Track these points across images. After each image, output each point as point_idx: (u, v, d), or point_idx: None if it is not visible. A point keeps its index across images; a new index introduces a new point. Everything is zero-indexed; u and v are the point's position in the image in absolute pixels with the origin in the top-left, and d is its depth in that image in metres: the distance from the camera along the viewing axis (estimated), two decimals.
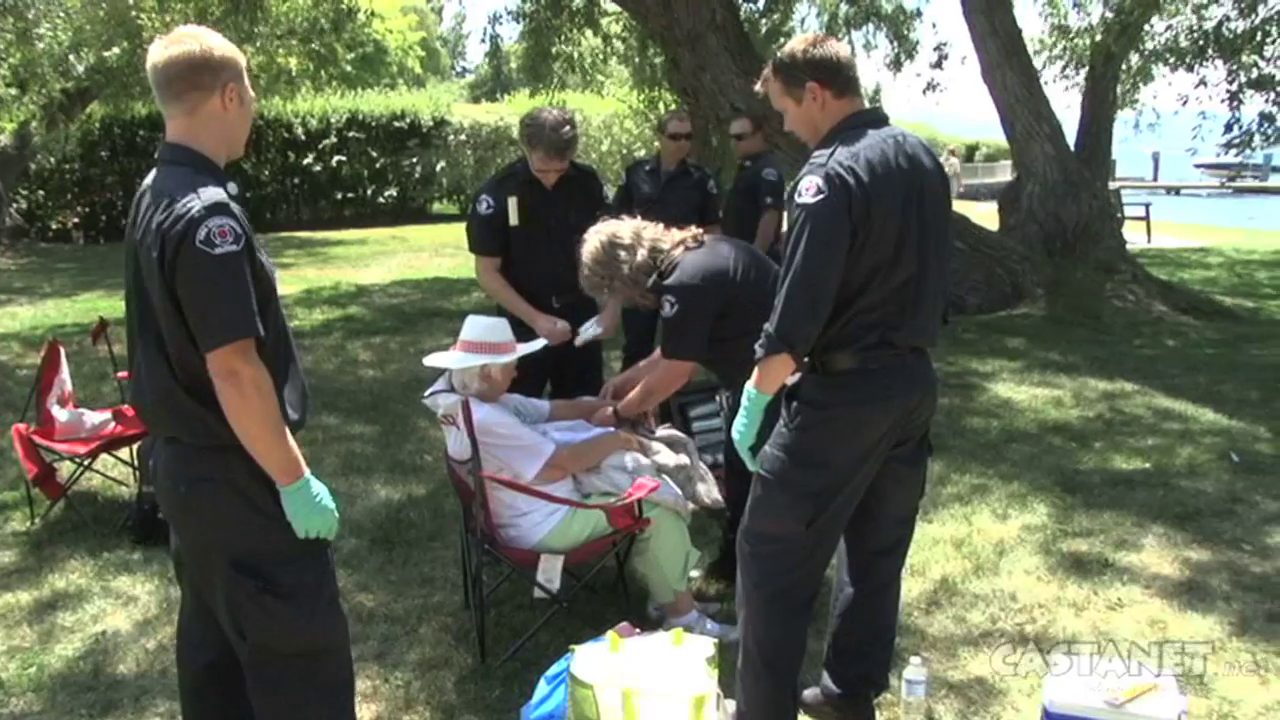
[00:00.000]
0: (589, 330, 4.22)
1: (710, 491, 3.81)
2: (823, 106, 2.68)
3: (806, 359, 2.67)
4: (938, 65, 14.52)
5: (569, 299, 4.28)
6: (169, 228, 2.10)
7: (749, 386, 2.68)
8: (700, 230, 3.74)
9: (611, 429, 3.74)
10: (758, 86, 2.84)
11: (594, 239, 3.66)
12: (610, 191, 4.84)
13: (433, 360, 3.64)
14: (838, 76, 2.66)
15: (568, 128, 4.19)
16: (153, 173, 2.26)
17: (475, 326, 3.61)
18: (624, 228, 3.66)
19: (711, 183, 5.94)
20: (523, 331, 4.02)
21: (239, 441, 2.20)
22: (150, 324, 2.22)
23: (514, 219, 4.33)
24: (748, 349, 2.66)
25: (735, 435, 2.76)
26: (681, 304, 3.42)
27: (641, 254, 3.57)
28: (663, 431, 3.94)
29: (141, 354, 2.27)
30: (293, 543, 2.30)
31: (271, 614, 2.31)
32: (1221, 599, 3.85)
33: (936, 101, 15.13)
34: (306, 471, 2.28)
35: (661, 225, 3.71)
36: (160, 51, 2.22)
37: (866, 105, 2.74)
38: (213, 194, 2.13)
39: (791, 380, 2.72)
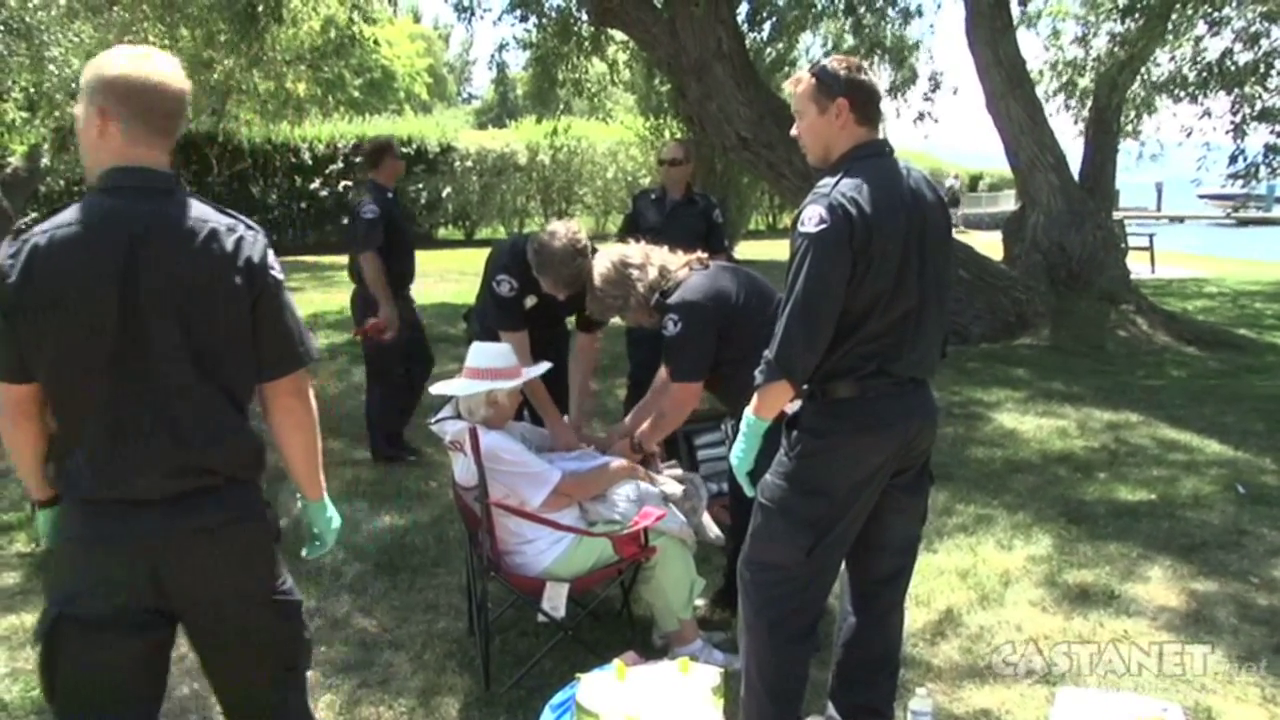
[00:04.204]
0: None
1: (711, 526, 3.81)
2: (843, 126, 2.69)
3: (806, 387, 2.68)
4: (928, 97, 14.61)
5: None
6: (250, 254, 2.11)
7: (748, 413, 2.70)
8: (705, 254, 3.77)
9: (618, 458, 3.74)
10: (787, 85, 2.86)
11: (603, 261, 3.70)
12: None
13: (439, 388, 3.66)
14: (867, 104, 2.69)
15: (579, 259, 3.89)
16: (137, 202, 2.07)
17: (481, 353, 3.62)
18: (631, 250, 3.71)
19: (717, 211, 5.95)
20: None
21: (261, 473, 2.24)
22: (209, 365, 2.10)
23: (526, 305, 4.28)
24: (746, 375, 2.68)
25: (733, 461, 2.78)
26: (684, 322, 3.44)
27: (652, 273, 3.61)
28: (668, 470, 3.94)
29: (188, 403, 2.09)
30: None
31: (304, 626, 2.36)
32: (1229, 631, 3.83)
33: (925, 135, 15.32)
34: None
35: (666, 248, 3.74)
36: (174, 77, 2.12)
37: (878, 137, 2.77)
38: (254, 226, 2.18)
39: (792, 408, 2.74)
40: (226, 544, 2.17)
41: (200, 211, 2.11)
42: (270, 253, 2.15)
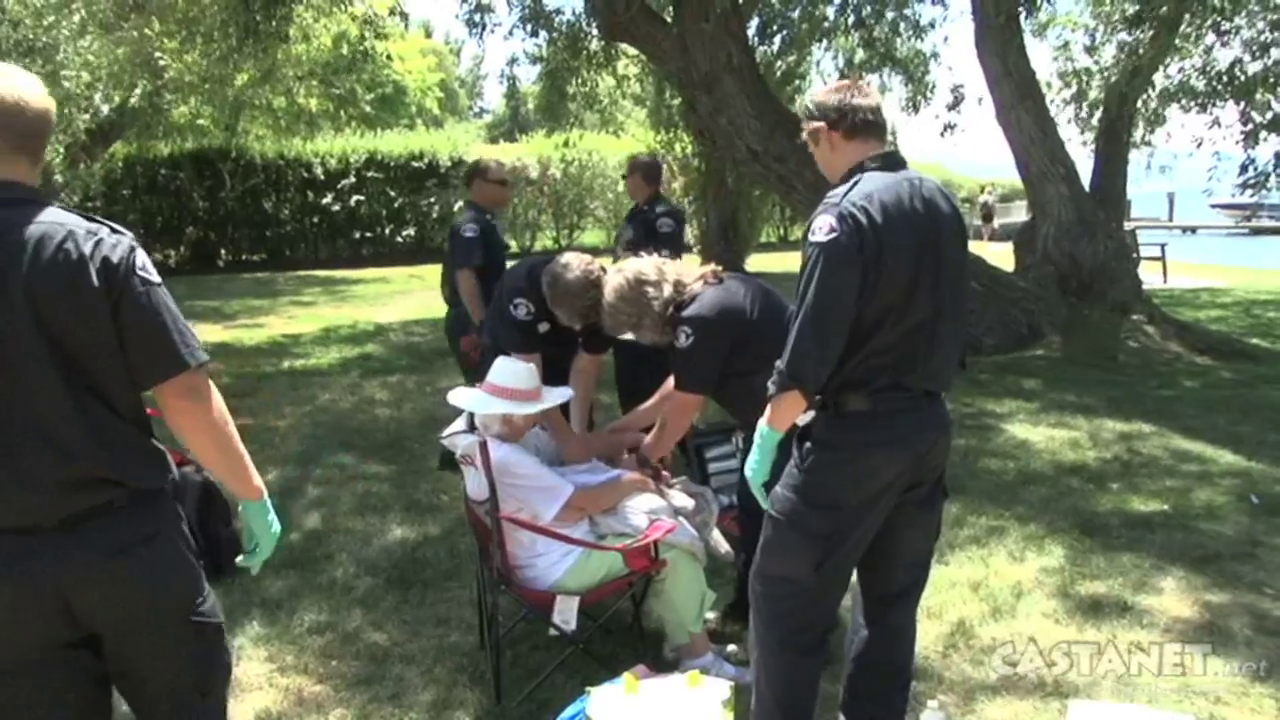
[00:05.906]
0: None
1: (722, 541, 3.81)
2: (833, 148, 2.73)
3: (819, 399, 2.68)
4: (954, 107, 14.60)
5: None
6: (108, 255, 2.01)
7: (761, 424, 2.69)
8: (720, 267, 3.75)
9: (629, 471, 3.74)
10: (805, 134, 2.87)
11: (617, 278, 3.67)
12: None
13: (456, 398, 3.65)
14: (845, 120, 2.70)
15: (592, 291, 3.85)
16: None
17: (504, 371, 3.60)
18: (645, 264, 3.67)
19: (663, 221, 5.91)
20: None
21: (166, 483, 2.15)
22: (78, 373, 2.00)
23: (540, 330, 4.26)
24: (758, 388, 2.67)
25: (748, 473, 2.77)
26: (697, 335, 3.44)
27: (667, 290, 3.58)
28: (679, 484, 3.94)
29: (63, 413, 1.99)
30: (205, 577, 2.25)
31: (224, 651, 2.29)
32: (1244, 643, 3.81)
33: (955, 144, 15.26)
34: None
35: (680, 260, 3.74)
36: (34, 96, 2.07)
37: (886, 149, 2.76)
38: (121, 230, 2.10)
39: (803, 420, 2.73)
40: (139, 564, 2.08)
41: (59, 218, 2.03)
42: (138, 254, 2.05)
